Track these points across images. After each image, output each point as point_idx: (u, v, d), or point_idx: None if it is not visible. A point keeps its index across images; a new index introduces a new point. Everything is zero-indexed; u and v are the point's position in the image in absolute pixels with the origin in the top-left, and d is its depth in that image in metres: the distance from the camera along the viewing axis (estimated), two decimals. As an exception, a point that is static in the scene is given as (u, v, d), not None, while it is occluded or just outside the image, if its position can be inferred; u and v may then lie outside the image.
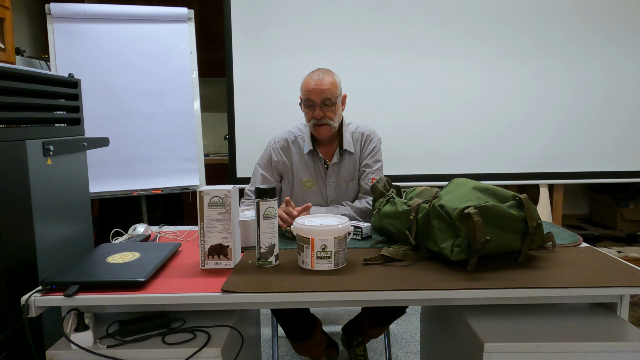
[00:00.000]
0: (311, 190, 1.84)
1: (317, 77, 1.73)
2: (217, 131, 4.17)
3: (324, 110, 1.73)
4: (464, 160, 2.93)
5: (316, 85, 1.71)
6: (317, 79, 1.72)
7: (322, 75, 1.73)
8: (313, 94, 1.72)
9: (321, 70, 1.77)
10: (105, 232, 1.78)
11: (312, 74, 1.76)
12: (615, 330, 1.09)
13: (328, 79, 1.73)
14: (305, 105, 1.76)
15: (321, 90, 1.71)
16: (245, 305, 1.14)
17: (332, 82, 1.73)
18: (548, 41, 2.86)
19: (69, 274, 1.13)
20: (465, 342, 1.18)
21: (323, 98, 1.71)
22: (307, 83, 1.74)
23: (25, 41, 3.40)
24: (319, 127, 1.75)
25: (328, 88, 1.71)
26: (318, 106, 1.72)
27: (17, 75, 1.45)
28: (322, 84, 1.71)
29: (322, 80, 1.72)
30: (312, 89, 1.72)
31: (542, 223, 1.24)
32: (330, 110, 1.73)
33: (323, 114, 1.73)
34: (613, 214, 4.08)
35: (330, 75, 1.75)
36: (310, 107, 1.74)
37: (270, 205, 1.22)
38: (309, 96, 1.73)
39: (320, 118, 1.73)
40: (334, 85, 1.74)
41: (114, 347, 1.05)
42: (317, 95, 1.71)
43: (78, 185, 1.74)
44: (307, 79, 1.75)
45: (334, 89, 1.73)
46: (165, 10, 2.77)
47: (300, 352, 1.90)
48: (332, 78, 1.74)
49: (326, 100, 1.72)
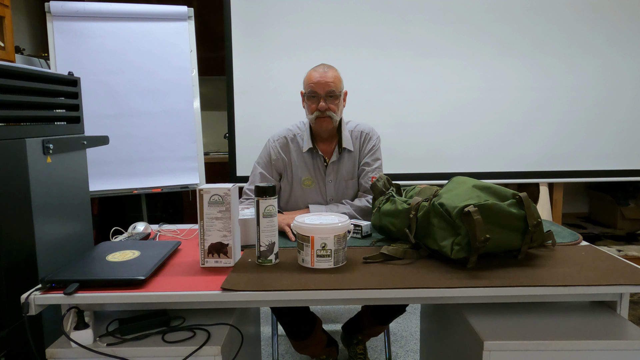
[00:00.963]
0: (310, 188, 1.84)
1: (321, 70, 1.75)
2: (217, 130, 4.17)
3: (328, 102, 1.73)
4: (464, 160, 2.93)
5: (321, 78, 1.73)
6: (322, 72, 1.74)
7: (327, 69, 1.75)
8: (317, 86, 1.72)
9: (324, 65, 1.78)
10: (105, 231, 1.78)
11: (315, 67, 1.78)
12: (615, 329, 1.09)
13: (332, 73, 1.75)
14: (309, 98, 1.76)
15: (326, 82, 1.72)
16: (245, 304, 1.14)
17: (335, 76, 1.75)
18: (548, 41, 2.86)
19: (69, 272, 1.13)
20: (465, 340, 1.18)
21: (327, 90, 1.72)
22: (311, 76, 1.75)
23: (25, 39, 3.40)
24: (322, 119, 1.75)
25: (332, 81, 1.73)
26: (322, 98, 1.73)
27: (16, 74, 1.45)
28: (326, 76, 1.73)
29: (327, 73, 1.74)
30: (317, 81, 1.73)
31: (542, 221, 1.24)
32: (333, 103, 1.74)
33: (327, 106, 1.73)
34: (613, 212, 4.08)
35: (333, 69, 1.77)
36: (314, 98, 1.74)
37: (270, 203, 1.22)
38: (313, 88, 1.73)
39: (324, 110, 1.73)
40: (338, 80, 1.76)
41: (113, 345, 1.05)
42: (322, 88, 1.72)
43: (78, 184, 1.74)
44: (311, 72, 1.77)
45: (338, 82, 1.75)
46: (165, 9, 2.77)
47: (300, 351, 1.90)
48: (336, 72, 1.77)
49: (330, 93, 1.73)
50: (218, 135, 4.19)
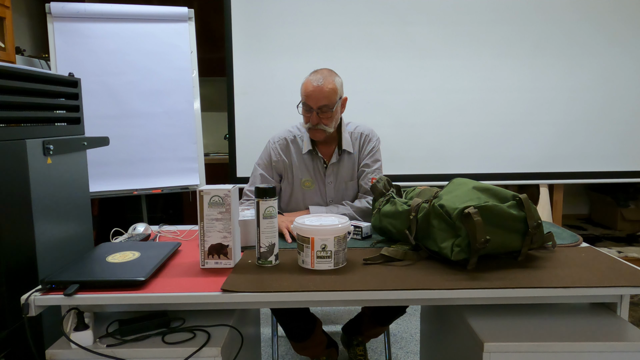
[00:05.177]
0: (310, 190, 1.84)
1: (316, 82, 1.68)
2: (217, 131, 4.17)
3: (320, 116, 1.71)
4: (464, 161, 2.93)
5: (314, 91, 1.68)
6: (316, 85, 1.68)
7: (322, 80, 1.69)
8: (310, 99, 1.69)
9: (322, 73, 1.72)
10: (105, 232, 1.78)
11: (312, 76, 1.73)
12: (615, 330, 1.09)
13: (327, 85, 1.68)
14: (304, 108, 1.75)
15: (318, 97, 1.68)
16: (245, 305, 1.14)
17: (331, 89, 1.69)
18: (548, 42, 2.86)
19: (69, 273, 1.13)
20: (465, 342, 1.18)
21: (320, 105, 1.69)
22: (306, 87, 1.71)
23: (26, 40, 3.40)
24: (314, 130, 1.75)
25: (326, 95, 1.68)
26: (315, 112, 1.70)
27: (17, 75, 1.45)
28: (320, 90, 1.67)
29: (321, 86, 1.68)
30: (310, 93, 1.69)
31: (542, 223, 1.24)
32: (326, 116, 1.71)
33: (319, 120, 1.71)
34: (613, 214, 4.08)
35: (330, 79, 1.70)
36: (308, 110, 1.73)
37: (270, 204, 1.22)
38: (306, 100, 1.71)
39: (316, 124, 1.72)
40: (333, 92, 1.70)
41: (113, 347, 1.05)
42: (314, 101, 1.69)
43: (78, 185, 1.74)
44: (307, 83, 1.71)
45: (332, 95, 1.69)
46: (166, 10, 2.77)
47: (300, 352, 1.90)
48: (332, 83, 1.70)
49: (323, 107, 1.69)
50: (218, 136, 4.19)
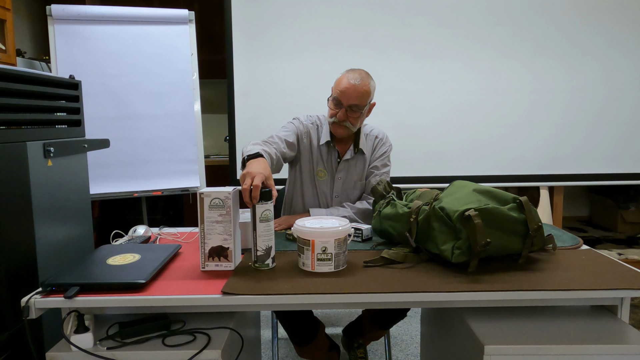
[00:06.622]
0: (321, 180, 1.84)
1: (353, 80, 1.66)
2: (217, 133, 4.17)
3: (349, 114, 1.70)
4: (464, 162, 2.93)
5: (349, 88, 1.66)
6: (353, 83, 1.66)
7: (360, 80, 1.67)
8: (343, 96, 1.68)
9: (360, 73, 1.69)
10: (105, 234, 1.78)
11: (350, 74, 1.69)
12: (616, 333, 1.09)
13: (363, 86, 1.66)
14: (333, 102, 1.73)
15: (352, 96, 1.66)
16: (245, 307, 1.14)
17: (365, 90, 1.67)
18: (548, 43, 2.86)
19: (69, 276, 1.13)
20: (465, 345, 1.18)
21: (351, 103, 1.68)
22: (341, 82, 1.69)
23: (26, 42, 3.41)
24: (337, 125, 1.73)
25: (359, 95, 1.66)
26: (344, 109, 1.69)
27: (17, 77, 1.45)
28: (355, 89, 1.66)
29: (357, 85, 1.66)
30: (344, 90, 1.67)
31: (542, 225, 1.24)
32: (354, 116, 1.70)
33: (346, 117, 1.70)
34: (613, 216, 4.07)
35: (366, 81, 1.68)
36: (337, 105, 1.71)
37: (267, 208, 1.22)
38: (338, 96, 1.69)
39: (342, 120, 1.71)
40: (366, 94, 1.68)
41: (114, 349, 1.05)
42: (347, 98, 1.67)
43: (78, 187, 1.74)
44: (343, 79, 1.69)
45: (365, 97, 1.68)
46: (166, 12, 2.77)
47: (303, 355, 1.90)
48: (367, 86, 1.68)
49: (353, 106, 1.68)
50: (219, 138, 4.19)
